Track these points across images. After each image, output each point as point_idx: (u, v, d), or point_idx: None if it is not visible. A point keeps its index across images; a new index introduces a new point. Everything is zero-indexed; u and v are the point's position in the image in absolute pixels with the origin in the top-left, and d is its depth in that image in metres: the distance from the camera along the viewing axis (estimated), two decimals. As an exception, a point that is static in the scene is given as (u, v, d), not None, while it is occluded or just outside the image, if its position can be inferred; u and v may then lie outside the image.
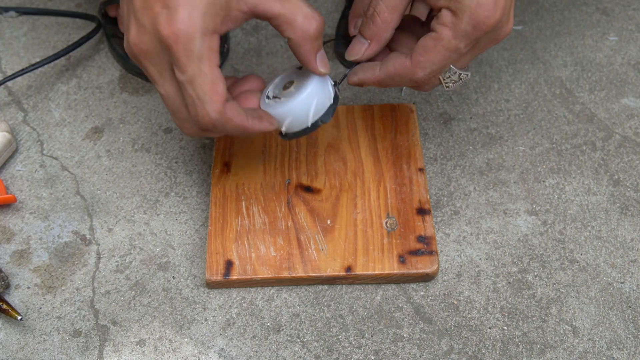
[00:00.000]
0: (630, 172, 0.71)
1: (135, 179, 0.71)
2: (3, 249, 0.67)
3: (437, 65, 0.55)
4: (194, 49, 0.50)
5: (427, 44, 0.55)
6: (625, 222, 0.68)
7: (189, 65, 0.50)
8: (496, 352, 0.60)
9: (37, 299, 0.64)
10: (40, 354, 0.61)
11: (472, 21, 0.52)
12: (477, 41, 0.54)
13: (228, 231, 0.65)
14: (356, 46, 0.58)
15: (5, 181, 0.71)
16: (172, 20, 0.49)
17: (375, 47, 0.58)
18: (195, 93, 0.51)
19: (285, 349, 0.61)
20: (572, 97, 0.77)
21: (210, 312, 0.63)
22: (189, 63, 0.50)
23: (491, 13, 0.52)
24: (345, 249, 0.64)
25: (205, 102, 0.51)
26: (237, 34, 0.83)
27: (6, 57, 0.81)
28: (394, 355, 0.60)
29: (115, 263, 0.66)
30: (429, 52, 0.55)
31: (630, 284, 0.64)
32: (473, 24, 0.53)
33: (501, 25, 0.53)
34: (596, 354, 0.60)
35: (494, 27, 0.53)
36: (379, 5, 0.55)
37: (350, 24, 0.79)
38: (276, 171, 0.68)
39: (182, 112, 0.54)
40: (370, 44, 0.58)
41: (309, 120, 0.57)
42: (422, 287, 0.64)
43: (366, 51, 0.58)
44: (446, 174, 0.71)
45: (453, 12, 0.53)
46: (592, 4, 0.85)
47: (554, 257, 0.66)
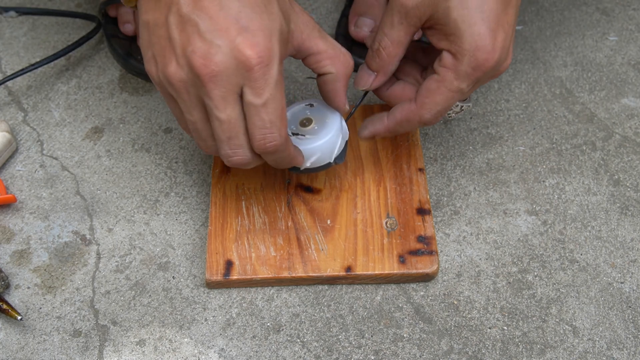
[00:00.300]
0: (630, 172, 0.71)
1: (135, 179, 0.71)
2: (3, 249, 0.67)
3: (441, 106, 0.58)
4: (273, 73, 0.50)
5: (431, 86, 0.57)
6: (625, 222, 0.68)
7: (266, 89, 0.51)
8: (496, 352, 0.60)
9: (37, 299, 0.64)
10: (40, 354, 0.61)
11: (472, 63, 0.55)
12: (478, 80, 0.56)
13: (228, 231, 0.65)
14: (364, 77, 0.61)
15: (5, 181, 0.71)
16: (254, 43, 0.49)
17: (381, 78, 0.60)
18: (269, 117, 0.52)
19: (285, 349, 0.61)
20: (572, 97, 0.77)
21: (210, 312, 0.63)
22: (267, 86, 0.51)
23: (490, 55, 0.54)
24: (345, 249, 0.64)
25: (276, 127, 0.52)
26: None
27: (6, 57, 0.81)
28: (394, 355, 0.60)
29: (115, 263, 0.66)
30: (433, 94, 0.57)
31: (630, 284, 0.64)
32: (473, 66, 0.55)
33: (500, 63, 0.56)
34: (596, 354, 0.60)
35: (493, 67, 0.55)
36: (383, 40, 0.58)
37: (351, 23, 0.79)
38: (276, 171, 0.68)
39: (240, 137, 0.53)
40: (377, 75, 0.60)
41: (332, 157, 0.61)
42: (422, 287, 0.64)
43: (373, 82, 0.60)
44: (446, 174, 0.71)
45: (454, 55, 0.55)
46: (592, 4, 0.85)
47: (554, 257, 0.66)
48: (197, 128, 0.54)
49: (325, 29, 0.83)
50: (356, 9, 0.79)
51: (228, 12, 0.50)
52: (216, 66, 0.50)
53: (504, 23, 0.55)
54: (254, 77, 0.50)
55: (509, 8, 0.55)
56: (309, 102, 0.63)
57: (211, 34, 0.50)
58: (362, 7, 0.78)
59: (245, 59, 0.49)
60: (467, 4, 0.53)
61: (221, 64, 0.50)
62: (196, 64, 0.50)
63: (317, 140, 0.59)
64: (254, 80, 0.50)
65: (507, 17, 0.55)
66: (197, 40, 0.50)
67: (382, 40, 0.58)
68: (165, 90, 0.53)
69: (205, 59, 0.50)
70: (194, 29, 0.50)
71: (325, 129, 0.60)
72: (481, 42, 0.54)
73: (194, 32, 0.50)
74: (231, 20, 0.50)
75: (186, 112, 0.53)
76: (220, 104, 0.51)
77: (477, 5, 0.53)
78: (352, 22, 0.79)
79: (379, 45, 0.58)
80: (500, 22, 0.54)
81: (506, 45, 0.55)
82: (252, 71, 0.50)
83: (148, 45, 0.53)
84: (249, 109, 0.52)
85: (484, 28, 0.54)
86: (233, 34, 0.50)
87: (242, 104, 0.52)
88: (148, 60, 0.53)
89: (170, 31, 0.51)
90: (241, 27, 0.50)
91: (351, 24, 0.79)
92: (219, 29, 0.50)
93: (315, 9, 0.85)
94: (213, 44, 0.50)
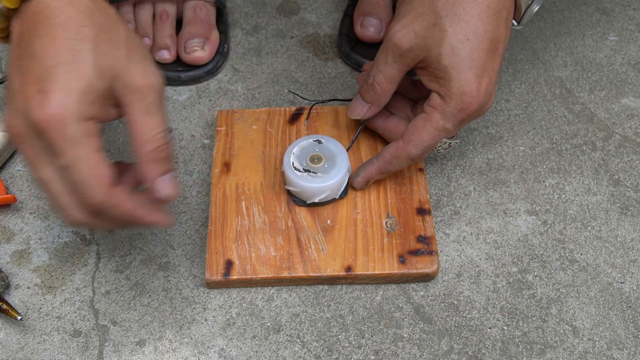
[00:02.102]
0: (630, 172, 0.71)
1: (135, 179, 0.71)
2: (3, 249, 0.67)
3: (427, 143, 0.61)
4: (69, 134, 0.48)
5: (418, 123, 0.61)
6: (625, 222, 0.68)
7: (66, 151, 0.48)
8: (496, 352, 0.60)
9: (37, 299, 0.64)
10: (40, 354, 0.61)
11: (458, 105, 0.59)
12: (462, 120, 0.60)
13: (228, 231, 0.65)
14: (358, 107, 0.64)
15: (5, 181, 0.71)
16: (44, 104, 0.48)
17: (374, 110, 0.64)
18: (78, 178, 0.49)
19: (285, 349, 0.61)
20: (572, 97, 0.77)
21: (210, 312, 0.63)
22: (66, 148, 0.48)
23: (475, 99, 0.59)
24: (345, 249, 0.64)
25: (88, 187, 0.49)
26: (237, 34, 0.83)
27: (6, 57, 0.81)
28: (394, 355, 0.60)
29: (115, 263, 0.66)
30: (420, 131, 0.61)
31: (630, 284, 0.64)
32: (459, 108, 0.59)
33: (483, 105, 0.60)
34: (596, 354, 0.60)
35: (476, 110, 0.59)
36: (378, 76, 0.61)
37: (356, 23, 0.79)
38: (276, 171, 0.68)
39: (64, 198, 0.51)
40: (370, 107, 0.64)
41: (338, 193, 0.65)
42: (422, 287, 0.64)
43: (367, 113, 0.64)
44: (446, 174, 0.71)
45: (442, 97, 0.59)
46: (592, 4, 0.85)
47: (554, 257, 0.66)
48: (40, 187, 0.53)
49: (326, 29, 0.83)
50: (361, 8, 0.79)
51: (33, 73, 0.49)
52: (17, 128, 0.49)
53: (490, 70, 0.59)
54: (50, 139, 0.48)
55: (495, 56, 0.59)
56: (316, 139, 0.66)
57: (15, 95, 0.49)
58: (368, 7, 0.78)
59: (35, 123, 0.48)
60: (458, 52, 0.57)
61: (21, 127, 0.49)
62: (6, 126, 0.50)
63: (329, 179, 0.64)
64: (52, 143, 0.48)
65: (493, 64, 0.59)
66: (10, 100, 0.50)
67: (376, 76, 0.61)
68: None
69: (10, 120, 0.50)
70: (11, 87, 0.50)
71: (336, 167, 0.64)
72: (467, 87, 0.58)
73: (10, 90, 0.50)
74: (33, 82, 0.49)
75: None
76: (36, 164, 0.50)
77: (467, 54, 0.57)
78: (358, 22, 0.79)
79: (374, 80, 0.62)
80: (486, 69, 0.58)
81: (489, 90, 0.59)
82: (45, 134, 0.48)
83: None
84: (60, 171, 0.50)
85: (471, 75, 0.58)
86: (30, 95, 0.48)
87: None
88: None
89: (7, 90, 0.51)
90: (38, 89, 0.48)
91: (356, 24, 0.79)
92: (21, 91, 0.49)
93: (316, 9, 0.85)
94: (13, 106, 0.50)
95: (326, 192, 0.64)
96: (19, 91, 0.49)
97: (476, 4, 0.57)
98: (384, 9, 0.78)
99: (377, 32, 0.78)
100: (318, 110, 0.72)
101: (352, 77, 0.79)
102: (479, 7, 0.57)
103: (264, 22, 0.84)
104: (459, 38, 0.57)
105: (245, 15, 0.85)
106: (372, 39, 0.78)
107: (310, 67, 0.80)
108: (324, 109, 0.73)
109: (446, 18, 0.57)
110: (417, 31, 0.58)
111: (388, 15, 0.78)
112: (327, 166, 0.64)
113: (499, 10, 0.58)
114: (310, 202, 0.65)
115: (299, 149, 0.66)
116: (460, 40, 0.57)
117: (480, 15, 0.57)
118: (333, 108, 0.73)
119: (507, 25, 0.60)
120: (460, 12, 0.57)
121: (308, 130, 0.71)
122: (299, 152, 0.65)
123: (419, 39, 0.58)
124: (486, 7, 0.57)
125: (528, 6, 0.60)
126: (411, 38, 0.58)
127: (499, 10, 0.58)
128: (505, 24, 0.59)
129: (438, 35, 0.57)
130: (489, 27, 0.58)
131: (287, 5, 0.86)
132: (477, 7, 0.57)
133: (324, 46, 0.82)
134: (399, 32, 0.59)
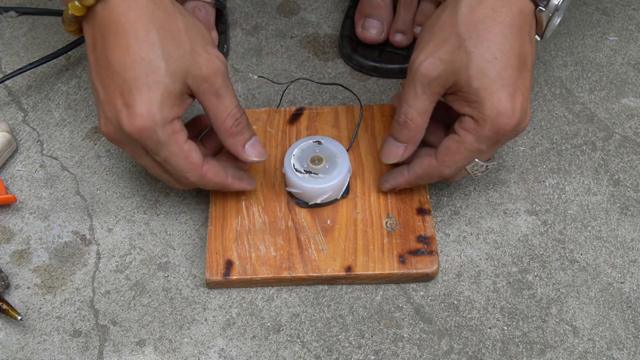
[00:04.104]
0: (630, 172, 0.71)
1: (135, 179, 0.71)
2: (3, 249, 0.67)
3: (461, 164, 0.60)
4: (159, 139, 0.55)
5: (451, 145, 0.59)
6: (625, 222, 0.68)
7: (160, 151, 0.56)
8: (496, 352, 0.60)
9: (37, 299, 0.64)
10: (40, 354, 0.61)
11: (493, 127, 0.56)
12: (498, 141, 0.58)
13: (228, 231, 0.65)
14: (393, 150, 0.62)
15: (5, 181, 0.71)
16: (132, 117, 0.54)
17: (411, 148, 0.62)
18: (173, 167, 0.58)
19: (285, 349, 0.61)
20: (572, 97, 0.77)
21: (210, 312, 0.63)
22: (159, 149, 0.56)
23: (510, 120, 0.56)
24: (345, 249, 0.64)
25: (184, 172, 0.58)
26: (237, 34, 0.83)
27: (6, 57, 0.81)
28: (394, 355, 0.60)
29: (115, 263, 0.66)
30: (453, 153, 0.59)
31: (630, 284, 0.64)
32: (494, 130, 0.57)
33: (520, 124, 0.57)
34: (596, 354, 0.60)
35: (513, 129, 0.57)
36: (409, 112, 0.59)
37: (357, 25, 0.79)
38: (276, 171, 0.68)
39: (166, 176, 0.61)
40: (407, 146, 0.61)
41: (340, 194, 0.65)
42: (422, 287, 0.64)
43: (404, 153, 0.62)
44: (446, 174, 0.71)
45: (475, 120, 0.57)
46: (592, 4, 0.85)
47: (554, 257, 0.66)
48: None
49: (326, 29, 0.83)
50: (362, 10, 0.79)
51: (115, 85, 0.55)
52: (114, 135, 0.57)
53: (521, 87, 0.57)
54: (143, 144, 0.56)
55: (524, 72, 0.57)
56: (316, 139, 0.66)
57: (105, 104, 0.56)
58: (368, 9, 0.78)
59: (128, 134, 0.55)
60: (487, 73, 0.55)
61: (117, 134, 0.57)
62: (103, 131, 0.58)
63: (330, 180, 0.64)
64: (146, 145, 0.56)
65: (524, 80, 0.57)
66: (99, 107, 0.57)
67: (407, 112, 0.59)
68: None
69: (105, 129, 0.57)
70: (97, 94, 0.57)
71: (337, 168, 0.64)
72: (502, 108, 0.56)
73: (97, 97, 0.57)
74: (117, 94, 0.55)
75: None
76: (136, 157, 0.60)
77: (497, 74, 0.55)
78: (359, 24, 0.79)
79: (406, 118, 0.59)
80: (518, 87, 0.56)
81: (524, 108, 0.57)
82: (139, 141, 0.56)
83: None
84: (158, 161, 0.59)
85: (504, 94, 0.56)
86: (118, 108, 0.55)
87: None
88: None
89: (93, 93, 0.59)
90: (124, 103, 0.55)
91: (357, 25, 0.79)
92: (109, 101, 0.56)
93: (316, 9, 0.85)
94: (106, 115, 0.57)
95: (328, 193, 0.64)
96: (106, 101, 0.56)
97: (498, 22, 0.55)
98: (384, 10, 0.78)
99: (378, 34, 0.78)
100: (318, 111, 0.72)
101: (353, 77, 0.79)
102: (501, 24, 0.55)
103: (264, 22, 0.84)
104: (486, 58, 0.55)
105: (245, 15, 0.85)
106: (373, 40, 0.78)
107: (310, 67, 0.80)
108: (324, 109, 0.73)
109: (470, 40, 0.55)
110: (442, 57, 0.56)
111: (389, 16, 0.78)
112: (328, 167, 0.64)
113: (522, 26, 0.56)
114: (312, 203, 0.65)
115: (299, 150, 0.66)
116: (487, 60, 0.55)
117: (504, 33, 0.55)
118: (333, 108, 0.73)
119: (532, 40, 0.58)
120: (483, 32, 0.55)
121: (308, 131, 0.71)
122: (300, 153, 0.65)
123: (445, 64, 0.56)
124: (509, 24, 0.55)
125: (549, 19, 0.58)
126: (437, 65, 0.56)
127: (521, 27, 0.56)
128: (529, 39, 0.57)
129: (464, 58, 0.55)
130: (514, 43, 0.56)
131: (287, 5, 0.86)
132: (500, 25, 0.55)
133: (324, 46, 0.82)
134: (425, 61, 0.57)
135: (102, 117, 0.57)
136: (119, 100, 0.55)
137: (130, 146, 0.58)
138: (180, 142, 0.57)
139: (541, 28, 0.58)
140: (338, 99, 0.77)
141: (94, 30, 0.56)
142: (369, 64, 0.78)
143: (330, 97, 0.77)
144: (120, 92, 0.55)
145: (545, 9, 0.57)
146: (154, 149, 0.56)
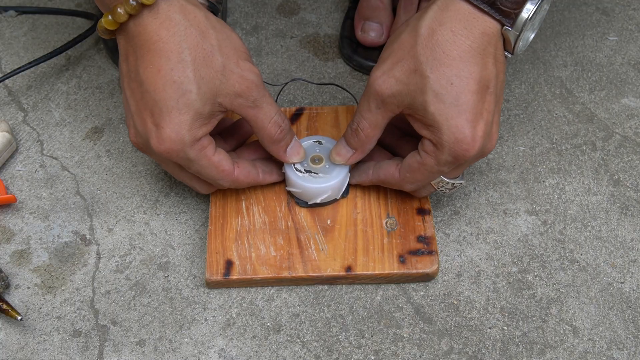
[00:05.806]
0: (630, 172, 0.71)
1: (135, 179, 0.71)
2: (3, 249, 0.67)
3: (422, 182, 0.60)
4: (188, 157, 0.57)
5: (413, 164, 0.59)
6: (625, 222, 0.68)
7: (190, 166, 0.58)
8: (496, 352, 0.60)
9: (37, 299, 0.64)
10: (40, 354, 0.61)
11: (452, 153, 0.56)
12: (460, 165, 0.58)
13: (228, 231, 0.65)
14: (342, 151, 0.63)
15: (5, 181, 0.71)
16: (161, 139, 0.55)
17: (358, 156, 0.62)
18: (206, 178, 0.60)
19: (285, 349, 0.61)
20: (572, 97, 0.77)
21: (210, 312, 0.63)
22: (189, 165, 0.58)
23: (470, 146, 0.55)
24: (345, 248, 0.64)
25: (216, 180, 0.60)
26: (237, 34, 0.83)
27: (6, 57, 0.81)
28: (394, 355, 0.60)
29: (115, 263, 0.66)
30: (414, 172, 0.59)
31: (630, 284, 0.64)
32: (454, 156, 0.56)
33: (482, 149, 0.56)
34: (596, 354, 0.60)
35: (475, 155, 0.56)
36: (361, 122, 0.59)
37: (357, 28, 0.79)
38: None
39: (193, 183, 0.62)
40: (355, 152, 0.62)
41: (340, 193, 0.65)
42: (422, 287, 0.64)
43: (350, 158, 0.63)
44: (446, 174, 0.71)
45: (434, 144, 0.56)
46: (592, 4, 0.85)
47: (554, 257, 0.66)
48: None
49: (326, 29, 0.83)
50: (361, 12, 0.79)
51: (146, 103, 0.55)
52: (141, 147, 0.59)
53: (482, 111, 0.55)
54: (176, 161, 0.58)
55: (487, 95, 0.55)
56: (316, 139, 0.67)
57: (136, 118, 0.57)
58: (368, 11, 0.78)
59: (160, 153, 0.56)
60: (442, 98, 0.54)
61: (144, 147, 0.59)
62: (134, 144, 0.59)
63: (330, 180, 0.64)
64: (178, 162, 0.58)
65: (486, 104, 0.55)
66: (129, 117, 0.58)
67: (360, 122, 0.59)
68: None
69: (134, 139, 0.59)
70: (127, 104, 0.58)
71: (337, 168, 0.64)
72: (460, 135, 0.54)
73: (127, 107, 0.58)
74: (147, 112, 0.56)
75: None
76: (169, 171, 0.62)
77: (452, 100, 0.54)
78: (359, 26, 0.79)
79: (357, 126, 0.60)
80: (478, 112, 0.55)
81: (487, 132, 0.56)
82: (169, 160, 0.57)
83: None
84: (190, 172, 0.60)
85: (462, 121, 0.54)
86: (148, 127, 0.56)
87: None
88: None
89: (123, 99, 0.59)
90: (153, 122, 0.55)
91: (357, 28, 0.79)
92: (140, 116, 0.56)
93: (316, 9, 0.85)
94: (136, 128, 0.57)
95: (328, 193, 0.64)
96: (137, 115, 0.57)
97: (457, 46, 0.53)
98: (384, 12, 0.78)
99: (377, 37, 0.78)
100: (318, 111, 0.72)
101: (353, 77, 0.79)
102: (460, 48, 0.53)
103: (264, 22, 0.84)
104: (442, 84, 0.53)
105: (245, 15, 0.85)
106: (373, 43, 0.78)
107: (310, 67, 0.80)
108: (324, 109, 0.73)
109: (426, 64, 0.54)
110: (397, 77, 0.55)
111: (388, 18, 0.78)
112: (328, 166, 0.65)
113: (484, 48, 0.54)
114: (312, 203, 0.65)
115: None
116: (443, 86, 0.53)
117: (462, 57, 0.53)
118: (333, 108, 0.73)
119: (498, 60, 0.55)
120: (440, 56, 0.53)
121: (308, 131, 0.71)
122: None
123: (400, 85, 0.55)
124: (468, 47, 0.53)
125: (517, 37, 0.54)
126: (392, 84, 0.55)
127: (483, 49, 0.54)
128: (493, 60, 0.55)
129: (420, 82, 0.54)
130: (473, 67, 0.54)
131: (287, 5, 0.86)
132: (458, 49, 0.53)
133: (324, 46, 0.82)
134: (379, 78, 0.56)
135: (132, 128, 0.58)
136: (149, 119, 0.55)
137: (158, 159, 0.60)
138: (210, 156, 0.58)
139: (510, 46, 0.55)
140: (338, 99, 0.77)
141: (127, 43, 0.56)
142: (369, 64, 0.78)
143: (330, 97, 0.77)
144: (150, 111, 0.55)
145: (512, 28, 0.54)
146: (185, 165, 0.58)
